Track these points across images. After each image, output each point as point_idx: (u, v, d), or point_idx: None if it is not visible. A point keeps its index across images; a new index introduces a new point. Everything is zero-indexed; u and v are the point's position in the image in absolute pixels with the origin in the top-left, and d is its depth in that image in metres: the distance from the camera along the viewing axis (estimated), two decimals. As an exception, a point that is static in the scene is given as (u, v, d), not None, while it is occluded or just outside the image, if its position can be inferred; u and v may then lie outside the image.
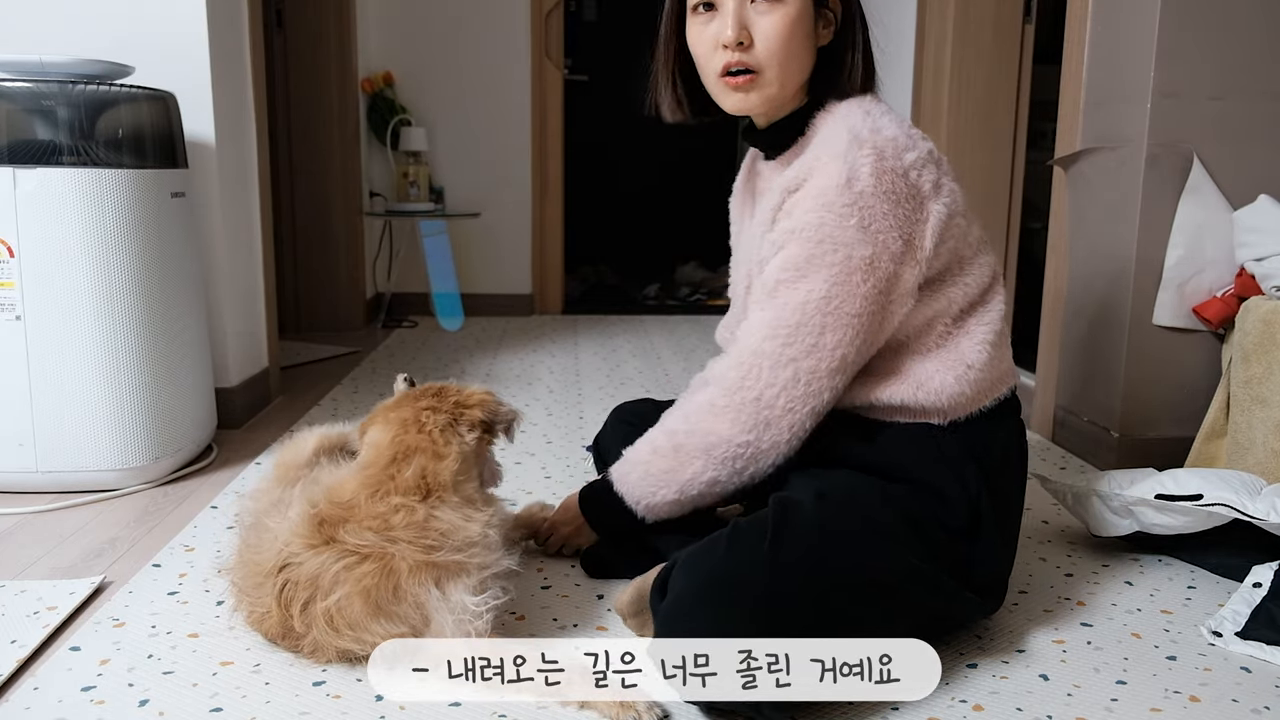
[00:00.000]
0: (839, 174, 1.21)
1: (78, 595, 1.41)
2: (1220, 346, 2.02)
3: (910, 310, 1.26)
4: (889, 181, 1.21)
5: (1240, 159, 1.99)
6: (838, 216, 1.21)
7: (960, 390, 1.28)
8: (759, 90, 1.31)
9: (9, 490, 1.86)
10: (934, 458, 1.28)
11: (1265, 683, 1.22)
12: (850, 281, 1.22)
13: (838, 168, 1.21)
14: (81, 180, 1.78)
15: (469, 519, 1.22)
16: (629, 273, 5.30)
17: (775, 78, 1.30)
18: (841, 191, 1.21)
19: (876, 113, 1.27)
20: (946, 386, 1.28)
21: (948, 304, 1.29)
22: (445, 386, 1.35)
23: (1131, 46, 2.03)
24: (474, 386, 1.36)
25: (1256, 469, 1.73)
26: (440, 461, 1.24)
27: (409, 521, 1.18)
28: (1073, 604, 1.45)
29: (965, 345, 1.29)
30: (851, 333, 1.23)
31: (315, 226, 3.79)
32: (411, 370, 3.08)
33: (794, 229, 1.25)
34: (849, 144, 1.22)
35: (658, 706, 1.11)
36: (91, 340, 1.81)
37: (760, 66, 1.29)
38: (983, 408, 1.31)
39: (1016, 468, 1.37)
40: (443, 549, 1.17)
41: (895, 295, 1.24)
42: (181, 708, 1.13)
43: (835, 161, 1.22)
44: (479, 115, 4.15)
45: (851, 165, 1.21)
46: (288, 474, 1.41)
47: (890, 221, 1.22)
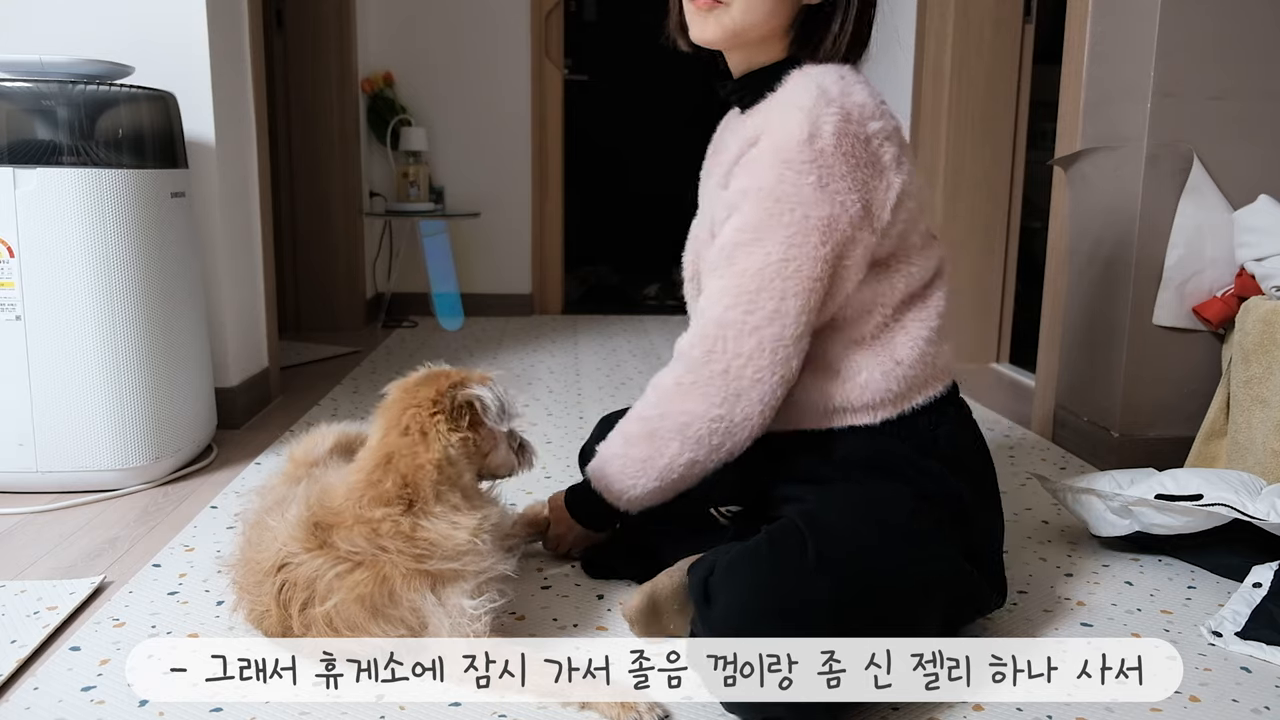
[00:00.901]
0: (801, 129, 1.17)
1: (78, 595, 1.41)
2: (1220, 346, 2.02)
3: (857, 285, 1.24)
4: (849, 144, 1.18)
5: (1240, 159, 1.99)
6: (796, 173, 1.17)
7: (887, 387, 1.27)
8: (718, 19, 1.26)
9: (9, 490, 1.86)
10: (896, 461, 1.27)
11: (1265, 683, 1.22)
12: (808, 243, 1.18)
13: (800, 120, 1.17)
14: (81, 180, 1.78)
15: (456, 526, 1.18)
16: (629, 273, 5.29)
17: (740, 12, 1.25)
18: (802, 147, 1.17)
19: (851, 79, 1.24)
20: (873, 382, 1.27)
21: (889, 290, 1.27)
22: (438, 378, 1.28)
23: (1131, 46, 2.03)
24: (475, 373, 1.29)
25: (1256, 469, 1.73)
26: (421, 471, 1.19)
27: (396, 532, 1.16)
28: (1073, 604, 1.45)
29: (899, 340, 1.28)
30: (814, 298, 1.20)
31: (315, 226, 3.79)
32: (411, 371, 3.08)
33: (749, 188, 1.21)
34: (816, 99, 1.18)
35: (659, 707, 1.11)
36: (91, 340, 1.81)
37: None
38: (914, 405, 1.29)
39: (975, 458, 1.35)
40: (433, 558, 1.15)
41: (850, 261, 1.21)
42: (181, 708, 1.13)
43: (799, 114, 1.18)
44: (479, 115, 4.15)
45: (815, 121, 1.17)
46: (297, 470, 1.40)
47: (849, 183, 1.18)
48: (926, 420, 1.30)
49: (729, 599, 1.10)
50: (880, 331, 1.28)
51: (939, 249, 1.33)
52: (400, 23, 4.08)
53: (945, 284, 1.33)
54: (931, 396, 1.31)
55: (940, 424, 1.31)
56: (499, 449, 1.31)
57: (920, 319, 1.29)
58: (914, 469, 1.27)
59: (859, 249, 1.21)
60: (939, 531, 1.21)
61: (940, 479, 1.27)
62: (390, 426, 1.23)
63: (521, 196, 4.23)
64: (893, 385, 1.27)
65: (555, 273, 4.36)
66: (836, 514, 1.18)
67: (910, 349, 1.28)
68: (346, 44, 3.70)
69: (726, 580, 1.12)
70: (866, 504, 1.22)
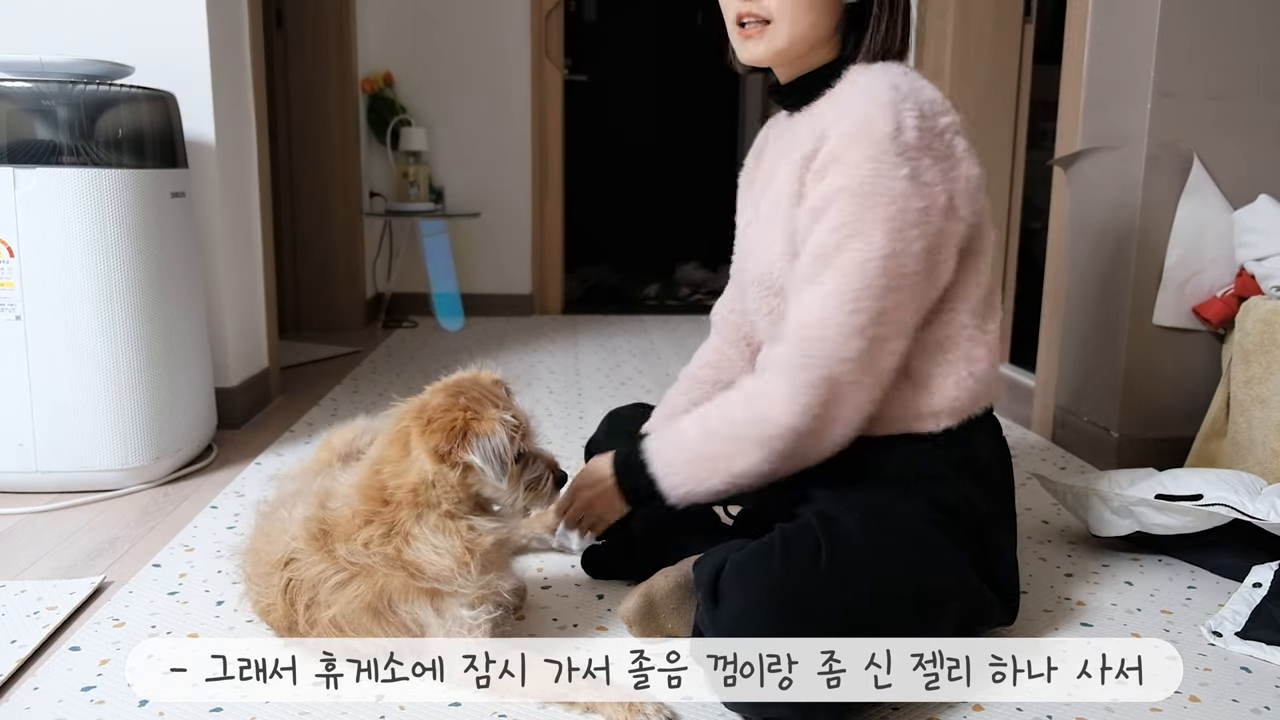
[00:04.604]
0: (887, 123, 1.15)
1: (78, 595, 1.41)
2: (1220, 346, 2.02)
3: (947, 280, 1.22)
4: (930, 138, 1.17)
5: (1240, 159, 1.99)
6: (890, 166, 1.15)
7: (957, 396, 1.26)
8: (768, 41, 1.26)
9: (9, 490, 1.86)
10: (934, 470, 1.26)
11: (1265, 683, 1.22)
12: (908, 236, 1.15)
13: (885, 116, 1.16)
14: (81, 180, 1.78)
15: (439, 551, 1.14)
16: (629, 273, 5.30)
17: (785, 30, 1.25)
18: (891, 140, 1.15)
19: (915, 75, 1.24)
20: (946, 391, 1.25)
21: (965, 289, 1.25)
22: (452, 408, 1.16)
23: (1131, 46, 2.03)
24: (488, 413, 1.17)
25: (1256, 469, 1.73)
26: (400, 490, 1.15)
27: (383, 552, 1.14)
28: (1073, 604, 1.45)
29: (978, 353, 1.26)
30: (911, 295, 1.17)
31: (315, 226, 3.79)
32: (411, 371, 3.08)
33: (838, 188, 1.18)
34: (893, 94, 1.17)
35: (665, 708, 1.11)
36: (91, 340, 1.81)
37: (771, 16, 1.25)
38: (972, 416, 1.29)
39: (1004, 473, 1.35)
40: (424, 578, 1.14)
41: (944, 255, 1.20)
42: (181, 708, 1.13)
43: (882, 110, 1.16)
44: (479, 115, 4.15)
45: (898, 115, 1.16)
46: (330, 460, 1.39)
47: (935, 174, 1.17)
48: (973, 433, 1.29)
49: (738, 600, 1.09)
50: (961, 339, 1.26)
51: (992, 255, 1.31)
52: (400, 23, 4.08)
53: (999, 292, 1.32)
54: (985, 408, 1.30)
55: (982, 436, 1.31)
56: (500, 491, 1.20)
57: (990, 330, 1.27)
58: (938, 479, 1.26)
59: (951, 241, 1.20)
60: (955, 544, 1.20)
61: (964, 490, 1.26)
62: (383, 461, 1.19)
63: (521, 196, 4.23)
64: (962, 395, 1.26)
65: (555, 273, 4.36)
66: (853, 520, 1.16)
67: (982, 361, 1.26)
68: (346, 44, 3.70)
69: (736, 581, 1.11)
70: (884, 511, 1.21)
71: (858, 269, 1.15)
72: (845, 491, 1.25)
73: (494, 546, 1.18)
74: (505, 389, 1.23)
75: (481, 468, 1.13)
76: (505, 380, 1.24)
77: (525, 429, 1.20)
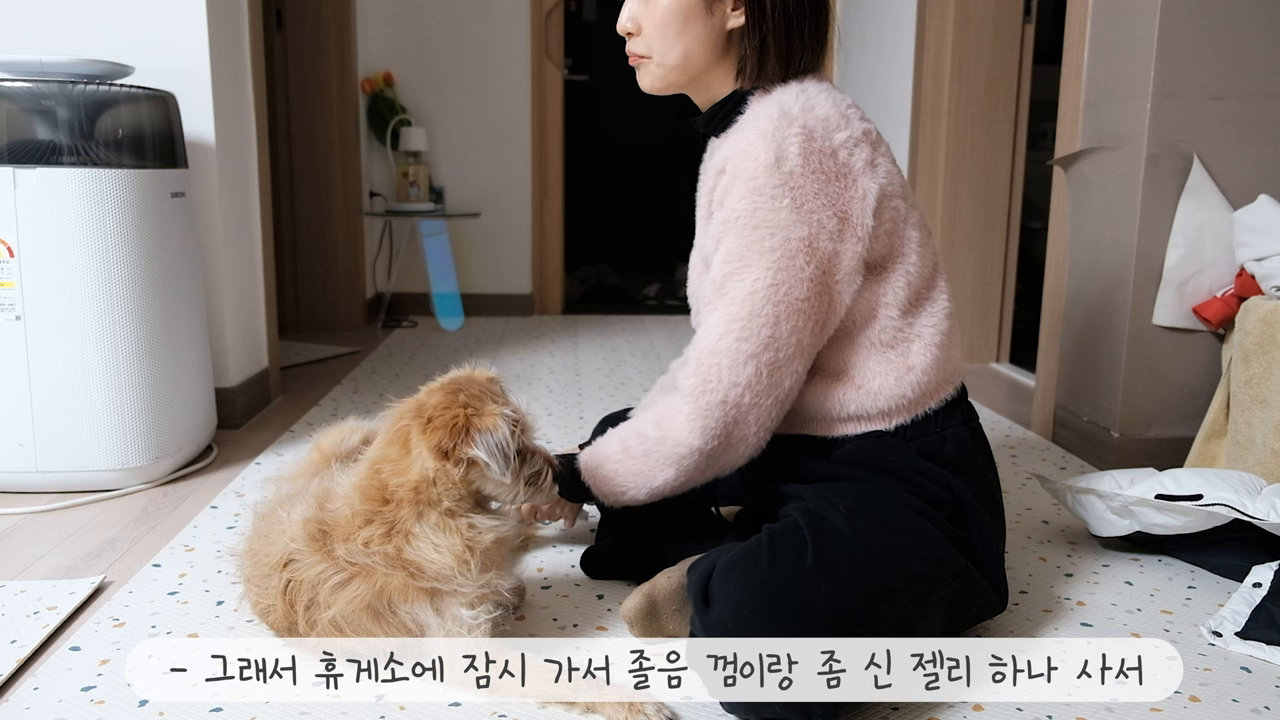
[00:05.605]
0: (767, 154, 1.19)
1: (78, 595, 1.41)
2: (1220, 346, 2.02)
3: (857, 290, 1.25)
4: (816, 161, 1.19)
5: (1240, 159, 1.99)
6: (769, 199, 1.19)
7: (901, 393, 1.28)
8: (649, 75, 1.34)
9: (9, 490, 1.86)
10: (906, 462, 1.28)
11: (1265, 683, 1.22)
12: (793, 266, 1.19)
13: (765, 147, 1.19)
14: (81, 180, 1.78)
15: (439, 550, 1.14)
16: (629, 273, 5.30)
17: (660, 62, 1.32)
18: (771, 172, 1.19)
19: (814, 90, 1.25)
20: (886, 388, 1.27)
21: (892, 290, 1.27)
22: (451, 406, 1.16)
23: (1131, 46, 2.03)
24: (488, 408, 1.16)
25: (1256, 469, 1.73)
26: (401, 489, 1.15)
27: (383, 552, 1.15)
28: (1073, 604, 1.45)
29: (914, 348, 1.28)
30: (803, 319, 1.21)
31: (315, 226, 3.79)
32: (411, 371, 3.09)
33: (728, 219, 1.23)
34: (778, 122, 1.20)
35: (665, 708, 1.11)
36: (91, 340, 1.81)
37: (649, 51, 1.32)
38: (927, 410, 1.30)
39: (980, 460, 1.36)
40: (423, 578, 1.14)
41: (840, 275, 1.22)
42: (181, 708, 1.13)
43: (762, 140, 1.20)
44: (479, 115, 4.15)
45: (779, 144, 1.19)
46: (323, 461, 1.39)
47: (822, 200, 1.20)
48: (935, 424, 1.31)
49: (726, 602, 1.10)
50: (895, 337, 1.28)
51: (931, 246, 1.33)
52: (400, 23, 4.08)
53: (944, 280, 1.33)
54: (943, 400, 1.32)
55: (948, 427, 1.32)
56: (503, 486, 1.20)
57: (932, 323, 1.29)
58: (918, 471, 1.27)
59: (845, 261, 1.22)
60: (940, 534, 1.21)
61: (944, 482, 1.28)
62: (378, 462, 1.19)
63: (521, 196, 4.24)
64: (907, 391, 1.28)
65: (555, 273, 4.36)
66: (838, 514, 1.18)
67: (923, 355, 1.28)
68: (346, 44, 3.70)
69: (724, 582, 1.12)
70: (869, 504, 1.22)
71: (745, 299, 1.21)
72: (828, 487, 1.27)
73: (494, 544, 1.19)
74: (500, 386, 1.23)
75: (486, 462, 1.13)
76: (499, 378, 1.25)
77: (523, 424, 1.21)
